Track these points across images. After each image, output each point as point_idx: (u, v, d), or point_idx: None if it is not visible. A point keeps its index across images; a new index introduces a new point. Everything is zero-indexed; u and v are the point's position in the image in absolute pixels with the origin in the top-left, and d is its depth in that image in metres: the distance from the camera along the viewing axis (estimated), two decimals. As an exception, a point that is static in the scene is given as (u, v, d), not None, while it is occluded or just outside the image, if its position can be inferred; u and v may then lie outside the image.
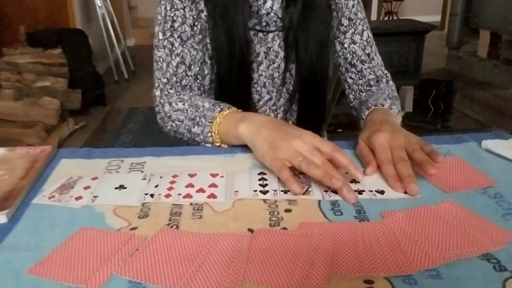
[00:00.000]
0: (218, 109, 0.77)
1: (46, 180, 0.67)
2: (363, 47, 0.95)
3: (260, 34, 0.90)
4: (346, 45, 0.95)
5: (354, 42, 0.95)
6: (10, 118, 2.76)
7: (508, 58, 4.00)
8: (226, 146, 0.77)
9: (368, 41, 0.96)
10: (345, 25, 0.94)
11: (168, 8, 0.87)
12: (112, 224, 0.55)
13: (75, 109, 3.10)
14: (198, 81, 0.90)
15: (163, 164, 0.71)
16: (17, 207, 0.59)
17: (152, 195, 0.61)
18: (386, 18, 7.07)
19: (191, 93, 0.88)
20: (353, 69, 0.97)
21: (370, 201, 0.59)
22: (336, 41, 0.96)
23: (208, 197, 0.61)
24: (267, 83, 0.92)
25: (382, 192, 0.61)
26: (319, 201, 0.59)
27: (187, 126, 0.81)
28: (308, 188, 0.62)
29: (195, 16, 0.87)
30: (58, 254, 0.49)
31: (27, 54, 3.05)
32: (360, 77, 0.97)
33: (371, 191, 0.61)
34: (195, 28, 0.88)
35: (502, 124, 3.09)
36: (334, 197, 0.60)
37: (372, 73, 0.96)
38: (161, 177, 0.66)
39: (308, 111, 0.94)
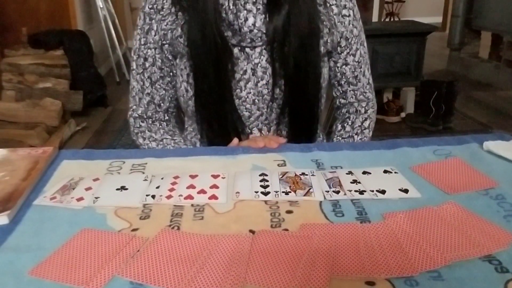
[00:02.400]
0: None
1: (48, 181, 0.67)
2: (353, 69, 0.97)
3: (247, 50, 0.86)
4: (338, 65, 0.96)
5: (347, 64, 0.96)
6: (11, 119, 2.76)
7: (509, 59, 3.99)
8: None
9: (359, 61, 0.96)
10: (342, 45, 0.94)
11: (142, 43, 0.91)
12: (113, 225, 0.55)
13: (76, 110, 3.10)
14: (168, 112, 0.97)
15: (165, 165, 0.71)
16: (19, 208, 0.59)
17: (153, 196, 0.61)
18: (387, 20, 7.07)
19: (161, 128, 0.95)
20: (339, 87, 1.00)
21: (371, 201, 0.59)
22: (330, 59, 0.96)
23: (210, 198, 0.61)
24: (256, 100, 0.88)
25: (383, 192, 0.61)
26: (320, 202, 0.59)
27: None
28: (310, 189, 0.62)
29: (163, 59, 0.91)
30: (59, 255, 0.49)
31: (28, 55, 3.06)
32: (343, 97, 1.01)
33: (372, 191, 0.61)
34: (163, 70, 0.92)
35: (503, 125, 3.08)
36: (336, 198, 0.60)
37: (354, 96, 1.00)
38: (162, 178, 0.66)
39: (300, 123, 0.93)
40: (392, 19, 7.19)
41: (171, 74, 0.93)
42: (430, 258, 0.47)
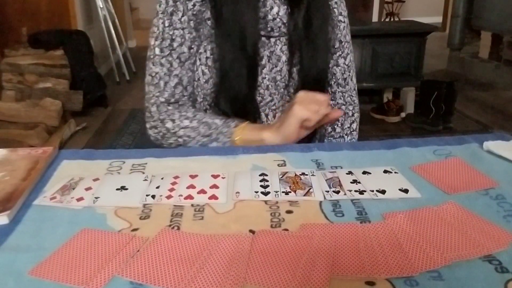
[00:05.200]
0: (233, 124, 0.86)
1: (48, 181, 0.67)
2: (343, 71, 1.02)
3: (263, 38, 0.91)
4: (330, 65, 1.01)
5: (338, 65, 1.01)
6: (11, 119, 2.76)
7: (509, 59, 3.99)
8: None
9: (349, 65, 1.02)
10: (336, 47, 0.99)
11: (166, 25, 0.89)
12: (113, 225, 0.55)
13: (76, 110, 3.10)
14: (191, 98, 0.95)
15: (165, 165, 0.71)
16: (19, 208, 0.59)
17: (153, 196, 0.61)
18: (387, 20, 7.07)
19: (191, 107, 0.93)
20: (328, 88, 1.03)
21: (371, 201, 0.59)
22: None
23: (210, 198, 0.61)
24: (269, 86, 0.93)
25: (383, 192, 0.61)
26: (320, 202, 0.59)
27: (200, 142, 0.87)
28: (310, 189, 0.62)
29: (192, 39, 0.90)
30: (59, 255, 0.49)
31: (28, 55, 3.06)
32: (332, 99, 1.04)
33: (372, 191, 0.61)
34: (192, 50, 0.91)
35: (503, 125, 3.09)
36: (336, 198, 0.60)
37: (343, 98, 1.04)
38: (162, 178, 0.66)
39: None
40: (392, 19, 7.19)
41: (195, 55, 0.92)
42: (430, 258, 0.47)
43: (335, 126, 1.03)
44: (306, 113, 0.80)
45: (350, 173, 0.67)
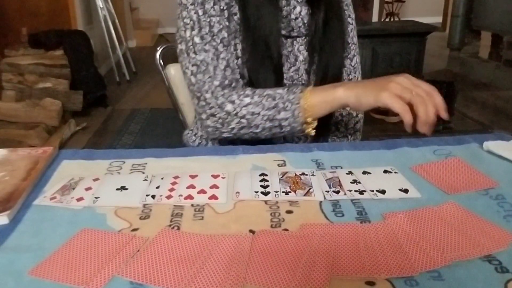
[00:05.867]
0: (298, 90, 0.81)
1: (48, 181, 0.67)
2: (349, 72, 1.02)
3: (282, 38, 0.92)
4: None
5: (344, 66, 1.01)
6: (11, 119, 2.76)
7: (509, 59, 3.99)
8: (313, 132, 0.81)
9: (355, 66, 1.03)
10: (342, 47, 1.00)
11: (200, 14, 0.86)
12: (113, 225, 0.55)
13: (76, 110, 3.10)
14: (241, 83, 0.90)
15: (165, 165, 0.71)
16: (19, 208, 0.59)
17: (153, 196, 0.61)
18: (387, 20, 7.07)
19: (247, 88, 0.88)
20: None
21: (371, 201, 0.59)
22: None
23: (210, 198, 0.61)
24: (287, 85, 0.94)
25: (383, 192, 0.61)
26: (320, 202, 0.59)
27: (266, 116, 0.82)
28: (310, 189, 0.62)
29: (228, 27, 0.88)
30: (59, 255, 0.49)
31: (28, 55, 3.05)
32: None
33: (372, 191, 0.61)
34: (230, 36, 0.88)
35: (503, 126, 3.08)
36: (336, 197, 0.60)
37: None
38: (162, 178, 0.66)
39: None
40: (392, 19, 7.18)
41: (231, 43, 0.90)
42: (430, 258, 0.47)
43: (339, 126, 1.03)
44: (391, 105, 0.73)
45: (350, 173, 0.67)
